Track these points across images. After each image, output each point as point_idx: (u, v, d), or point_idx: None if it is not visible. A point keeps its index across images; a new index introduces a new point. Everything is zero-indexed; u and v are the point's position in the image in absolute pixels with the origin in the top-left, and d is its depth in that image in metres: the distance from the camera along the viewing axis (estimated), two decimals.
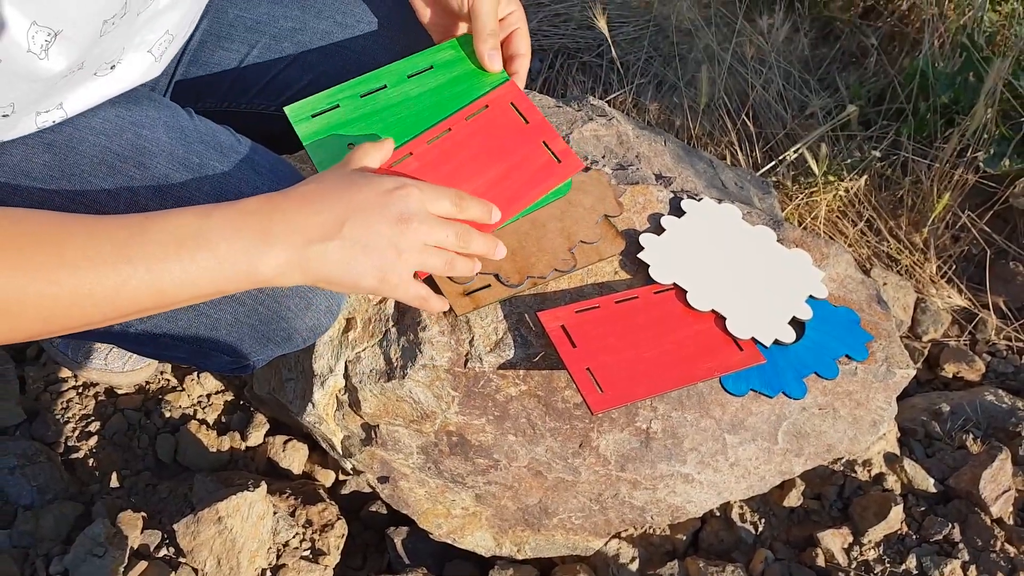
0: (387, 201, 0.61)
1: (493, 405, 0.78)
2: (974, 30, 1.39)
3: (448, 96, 0.76)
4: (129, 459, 0.97)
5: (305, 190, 0.61)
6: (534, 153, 0.75)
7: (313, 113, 0.75)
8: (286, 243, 0.58)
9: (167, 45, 0.72)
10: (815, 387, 0.82)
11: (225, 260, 0.57)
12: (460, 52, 0.78)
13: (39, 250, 0.52)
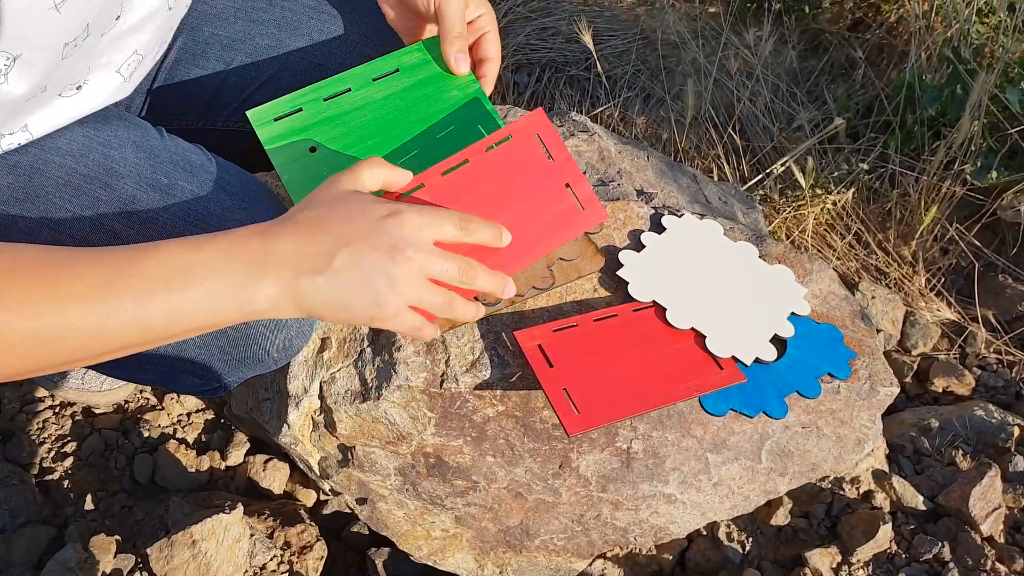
0: (380, 229, 0.57)
1: (470, 426, 0.77)
2: (960, 43, 1.39)
3: (413, 99, 0.74)
4: (105, 480, 0.96)
5: (298, 218, 0.58)
6: (556, 197, 0.70)
7: (275, 117, 0.73)
8: (277, 277, 0.56)
9: (136, 65, 0.72)
10: (798, 405, 0.80)
11: (215, 294, 0.54)
12: (427, 55, 0.76)
13: (24, 283, 0.51)
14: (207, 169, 0.71)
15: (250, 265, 0.55)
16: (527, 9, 1.68)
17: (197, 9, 0.83)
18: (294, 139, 0.72)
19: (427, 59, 0.76)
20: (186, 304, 0.54)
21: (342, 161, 0.71)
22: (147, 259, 0.54)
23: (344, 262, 0.56)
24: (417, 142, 0.73)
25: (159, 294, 0.53)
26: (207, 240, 0.56)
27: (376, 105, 0.74)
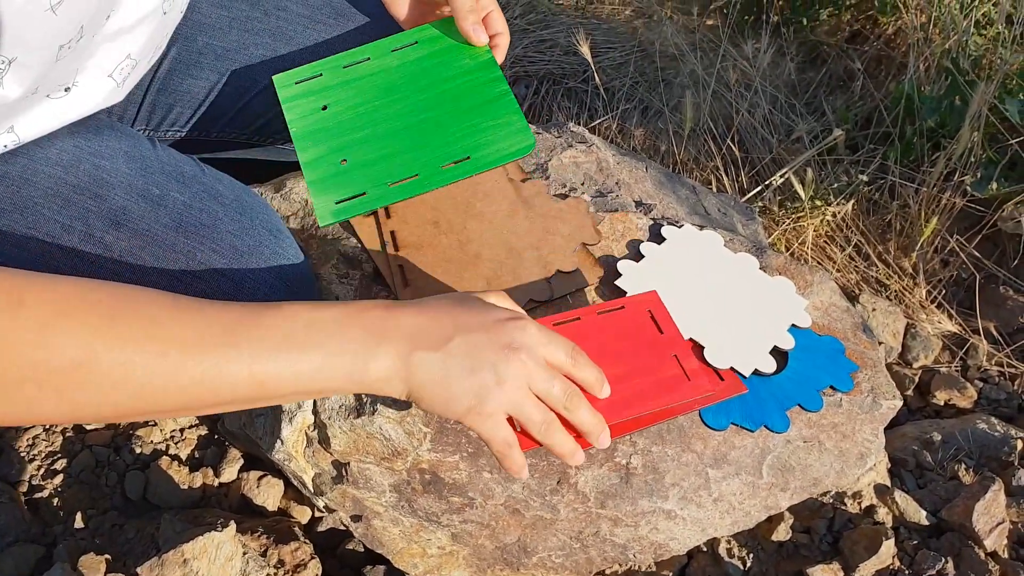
0: (500, 328, 0.57)
1: (467, 442, 0.75)
2: (959, 54, 1.38)
3: (427, 67, 0.77)
4: (96, 498, 0.94)
5: (420, 301, 0.58)
6: (663, 363, 0.71)
7: (297, 80, 0.78)
8: (395, 348, 0.55)
9: (130, 70, 0.71)
10: (799, 419, 0.79)
11: (333, 356, 0.53)
12: (443, 31, 0.79)
13: (145, 324, 0.49)
14: (199, 180, 0.70)
15: (370, 331, 0.54)
16: (525, 22, 1.68)
17: (191, 19, 0.83)
18: (309, 98, 0.77)
19: (443, 34, 0.78)
20: (301, 363, 0.52)
21: (350, 116, 0.75)
22: (271, 314, 0.53)
23: (459, 347, 0.56)
24: (425, 101, 0.74)
25: (280, 350, 0.52)
26: (331, 305, 0.55)
27: (391, 71, 0.77)
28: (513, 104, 0.72)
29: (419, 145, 0.72)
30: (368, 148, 0.72)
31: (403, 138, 0.72)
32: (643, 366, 0.70)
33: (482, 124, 0.67)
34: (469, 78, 0.74)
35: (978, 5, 1.50)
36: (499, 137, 0.69)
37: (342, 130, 0.74)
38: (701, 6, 1.83)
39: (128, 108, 0.83)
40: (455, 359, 0.55)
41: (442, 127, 0.72)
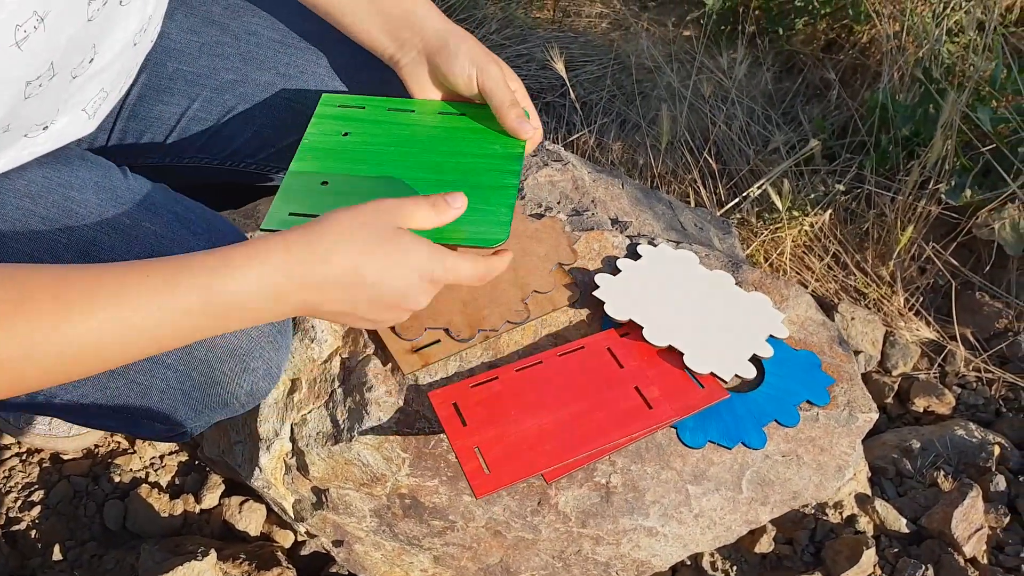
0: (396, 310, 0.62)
1: (446, 466, 0.75)
2: (931, 63, 1.40)
3: (459, 137, 0.76)
4: (74, 529, 0.93)
5: (334, 264, 0.58)
6: (624, 396, 0.74)
7: (340, 104, 0.79)
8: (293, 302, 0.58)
9: (101, 102, 0.71)
10: (777, 434, 0.80)
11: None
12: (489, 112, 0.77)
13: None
14: (171, 209, 0.70)
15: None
16: (501, 37, 1.69)
17: (160, 44, 0.82)
18: (338, 122, 0.77)
19: (490, 116, 0.76)
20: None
21: (361, 150, 0.75)
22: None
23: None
24: (438, 164, 0.74)
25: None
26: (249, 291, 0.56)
27: (424, 128, 0.77)
28: (511, 198, 0.70)
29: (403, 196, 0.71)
30: (356, 181, 0.72)
31: (394, 186, 0.71)
32: (604, 400, 0.72)
33: (472, 203, 0.66)
34: (490, 161, 0.73)
35: (950, 13, 1.51)
36: (476, 220, 0.67)
37: (345, 158, 0.74)
38: (678, 17, 1.85)
39: (98, 136, 0.83)
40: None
41: (435, 190, 0.70)
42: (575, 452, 0.68)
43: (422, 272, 0.60)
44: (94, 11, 0.57)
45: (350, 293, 0.59)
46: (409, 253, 0.59)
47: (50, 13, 0.53)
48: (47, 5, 0.52)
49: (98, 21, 0.59)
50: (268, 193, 0.91)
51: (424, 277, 0.61)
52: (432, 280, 0.61)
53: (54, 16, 0.53)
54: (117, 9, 0.61)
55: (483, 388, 0.74)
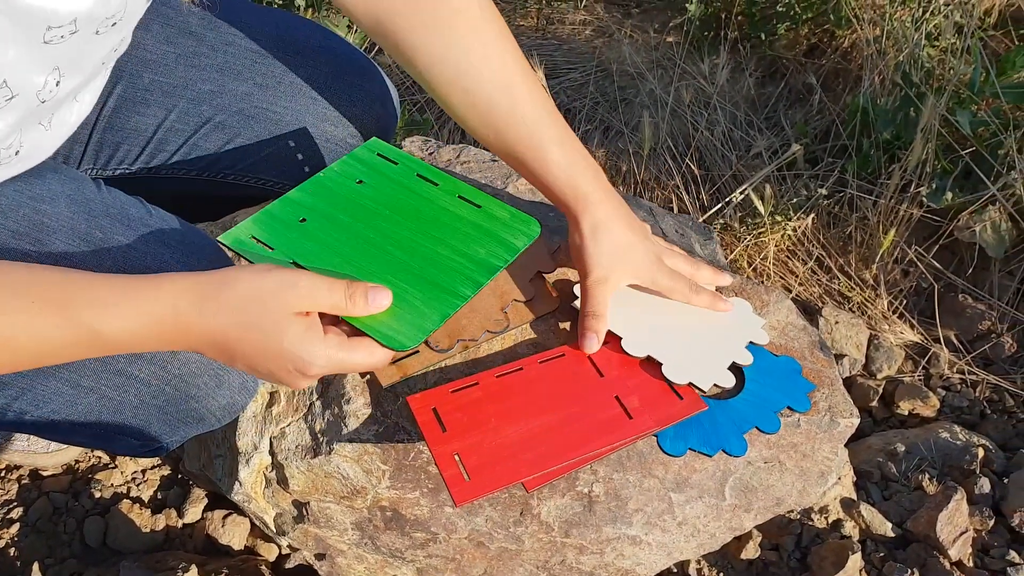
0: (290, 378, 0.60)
1: (426, 477, 0.75)
2: (911, 67, 1.41)
3: (456, 227, 0.71)
4: (54, 546, 0.92)
5: (242, 337, 0.57)
6: (604, 405, 0.73)
7: (379, 153, 0.77)
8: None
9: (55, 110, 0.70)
10: (759, 441, 0.79)
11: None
12: (512, 224, 0.72)
13: None
14: (145, 222, 0.69)
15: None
16: None
17: (136, 55, 0.82)
18: (362, 168, 0.75)
19: (510, 226, 0.71)
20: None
21: (361, 205, 0.72)
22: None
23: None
24: (409, 247, 0.69)
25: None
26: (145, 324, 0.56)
27: (433, 206, 0.72)
28: (451, 308, 0.65)
29: (382, 256, 0.67)
30: (327, 230, 0.68)
31: (355, 251, 0.67)
32: (584, 410, 0.71)
33: (407, 296, 0.63)
34: (461, 263, 0.68)
35: (929, 17, 1.52)
36: (398, 314, 0.62)
37: (340, 205, 0.71)
38: (660, 24, 1.85)
39: (74, 147, 0.82)
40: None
41: (387, 269, 0.66)
42: (556, 461, 0.68)
43: (296, 366, 0.58)
44: (53, 36, 0.57)
45: (226, 356, 0.58)
46: (285, 350, 0.57)
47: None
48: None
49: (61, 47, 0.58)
50: (246, 204, 0.91)
51: (298, 369, 0.58)
52: (307, 374, 0.59)
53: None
54: (92, 39, 0.61)
55: (463, 394, 0.74)
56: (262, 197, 0.92)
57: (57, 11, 0.54)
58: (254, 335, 0.56)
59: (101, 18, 0.59)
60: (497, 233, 0.70)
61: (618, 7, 1.93)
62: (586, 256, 0.76)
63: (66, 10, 0.55)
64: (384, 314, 0.61)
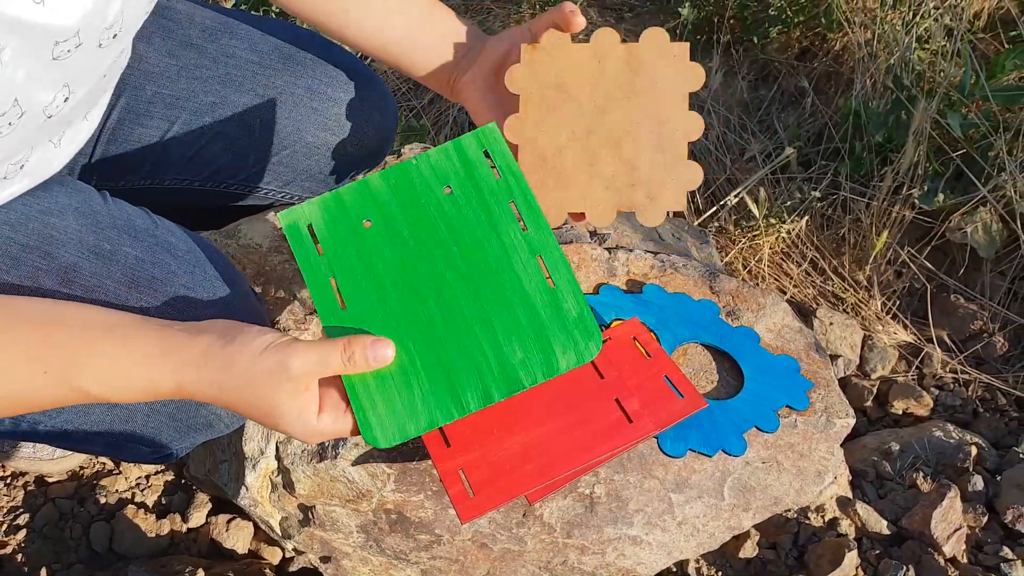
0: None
1: (431, 480, 0.76)
2: (902, 70, 1.43)
3: (522, 307, 0.63)
4: (61, 552, 0.93)
5: (237, 397, 0.58)
6: (603, 410, 0.73)
7: (489, 149, 0.67)
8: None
9: (65, 128, 0.71)
10: (757, 441, 0.81)
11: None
12: (577, 320, 0.62)
13: None
14: (151, 233, 0.70)
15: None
16: None
17: (139, 68, 0.83)
18: (457, 167, 0.66)
19: (568, 331, 0.62)
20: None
21: (435, 219, 0.65)
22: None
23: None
24: (449, 304, 0.63)
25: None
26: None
27: (507, 264, 0.64)
28: (457, 414, 0.60)
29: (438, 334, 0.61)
30: (392, 252, 0.63)
31: (406, 279, 0.62)
32: (585, 415, 0.72)
33: (414, 371, 0.59)
34: (496, 349, 0.61)
35: (919, 21, 1.54)
36: (392, 401, 0.59)
37: (415, 216, 0.64)
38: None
39: (78, 160, 0.83)
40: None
41: (429, 310, 0.61)
42: (558, 471, 0.69)
43: (297, 439, 0.61)
44: (61, 51, 0.58)
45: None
46: (282, 428, 0.59)
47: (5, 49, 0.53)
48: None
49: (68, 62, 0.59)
50: (248, 213, 0.92)
51: (292, 434, 0.60)
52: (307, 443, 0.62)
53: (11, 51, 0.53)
54: (95, 51, 0.62)
55: None
56: (265, 206, 0.93)
57: (61, 26, 0.55)
58: (254, 415, 0.59)
59: (101, 28, 0.60)
60: (548, 335, 0.61)
61: (611, 11, 1.94)
62: (493, 45, 0.75)
63: (66, 23, 0.56)
64: (378, 388, 0.59)
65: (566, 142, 0.70)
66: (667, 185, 0.70)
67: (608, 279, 0.90)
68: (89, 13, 0.57)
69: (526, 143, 0.70)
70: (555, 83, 0.71)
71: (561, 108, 0.71)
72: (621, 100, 0.71)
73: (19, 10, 0.51)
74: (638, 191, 0.70)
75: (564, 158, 0.70)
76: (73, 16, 0.56)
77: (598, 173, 0.70)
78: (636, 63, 0.71)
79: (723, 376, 0.85)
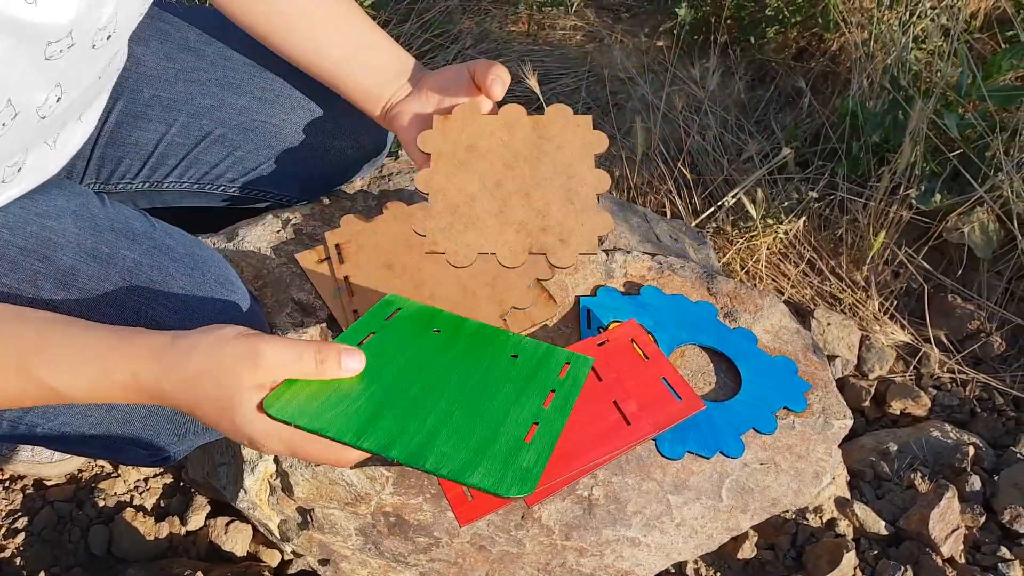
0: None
1: (429, 483, 0.76)
2: (899, 70, 1.43)
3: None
4: (59, 555, 0.93)
5: (206, 408, 0.56)
6: (602, 412, 0.73)
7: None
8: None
9: (59, 130, 0.71)
10: (755, 442, 0.81)
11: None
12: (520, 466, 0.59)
13: None
14: (149, 236, 0.70)
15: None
16: (477, 51, 1.70)
17: (137, 71, 0.83)
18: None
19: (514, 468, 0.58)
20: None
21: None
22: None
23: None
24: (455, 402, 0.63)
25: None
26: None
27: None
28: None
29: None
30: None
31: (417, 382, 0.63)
32: (583, 417, 0.72)
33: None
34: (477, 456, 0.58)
35: (916, 21, 1.54)
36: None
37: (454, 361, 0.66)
38: (651, 28, 1.87)
39: (76, 163, 0.83)
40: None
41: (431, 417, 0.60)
42: (556, 475, 0.69)
43: (250, 441, 0.57)
44: (54, 51, 0.57)
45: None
46: (238, 427, 0.56)
47: None
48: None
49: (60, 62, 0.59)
50: (246, 216, 0.92)
51: (253, 445, 0.57)
52: (262, 450, 0.58)
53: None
54: (89, 52, 0.62)
55: None
56: (262, 209, 0.93)
57: (54, 25, 0.55)
58: (205, 408, 0.55)
59: (95, 29, 0.60)
60: (486, 453, 0.58)
61: (608, 12, 1.95)
62: (441, 72, 0.78)
63: (59, 22, 0.56)
64: (310, 385, 0.57)
65: (477, 192, 0.74)
66: (577, 230, 0.73)
67: (606, 281, 0.90)
68: (82, 13, 0.57)
69: (437, 192, 0.74)
70: (466, 144, 0.76)
71: (472, 164, 0.75)
72: (530, 159, 0.76)
73: (13, 10, 0.51)
74: (549, 235, 0.73)
75: (475, 205, 0.74)
76: (66, 15, 0.56)
77: (509, 219, 0.73)
78: (543, 130, 0.78)
79: (721, 378, 0.85)
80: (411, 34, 1.70)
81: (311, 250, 0.86)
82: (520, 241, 0.72)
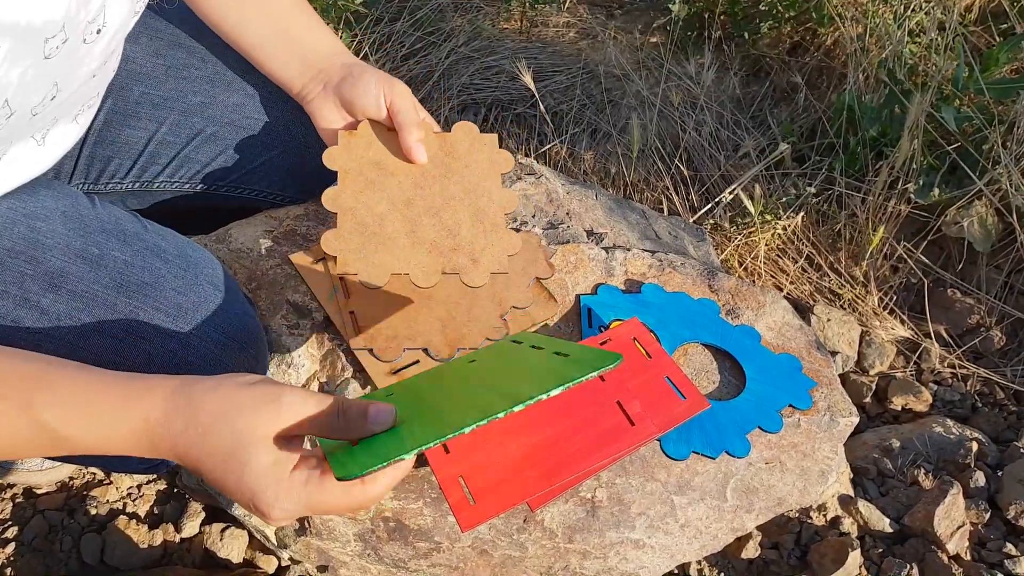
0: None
1: (429, 487, 0.75)
2: (895, 64, 1.42)
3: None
4: (51, 565, 0.91)
5: (213, 466, 0.51)
6: (605, 413, 0.71)
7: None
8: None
9: (50, 127, 0.69)
10: (760, 441, 0.80)
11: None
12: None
13: None
14: (140, 237, 0.69)
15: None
16: (469, 49, 1.69)
17: (126, 69, 0.81)
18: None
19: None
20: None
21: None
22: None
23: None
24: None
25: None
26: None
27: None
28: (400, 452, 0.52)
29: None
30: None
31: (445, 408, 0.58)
32: (587, 418, 0.70)
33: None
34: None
35: (911, 14, 1.54)
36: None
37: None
38: (644, 24, 1.86)
39: (65, 163, 0.81)
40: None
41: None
42: (560, 477, 0.67)
43: (255, 504, 0.52)
44: (52, 49, 0.56)
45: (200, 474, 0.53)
46: (244, 484, 0.51)
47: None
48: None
49: (57, 59, 0.58)
50: (239, 216, 0.90)
51: (258, 509, 0.52)
52: (266, 517, 0.52)
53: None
54: (80, 47, 0.60)
55: None
56: (255, 208, 0.91)
57: (48, 20, 0.54)
58: (216, 460, 0.50)
59: (84, 22, 0.58)
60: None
61: (601, 8, 1.93)
62: (358, 88, 0.77)
63: (53, 17, 0.54)
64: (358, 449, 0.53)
65: (386, 211, 0.74)
66: (488, 250, 0.74)
67: (606, 279, 0.88)
68: (72, 5, 0.55)
69: (345, 212, 0.74)
70: (373, 161, 0.76)
71: (380, 183, 0.75)
72: (438, 177, 0.77)
73: (13, 12, 0.50)
74: (460, 255, 0.73)
75: (385, 225, 0.74)
76: (58, 9, 0.54)
77: (420, 239, 0.73)
78: (450, 148, 0.78)
79: (725, 376, 0.84)
80: (403, 32, 1.68)
81: (306, 251, 0.85)
82: (432, 261, 0.73)
